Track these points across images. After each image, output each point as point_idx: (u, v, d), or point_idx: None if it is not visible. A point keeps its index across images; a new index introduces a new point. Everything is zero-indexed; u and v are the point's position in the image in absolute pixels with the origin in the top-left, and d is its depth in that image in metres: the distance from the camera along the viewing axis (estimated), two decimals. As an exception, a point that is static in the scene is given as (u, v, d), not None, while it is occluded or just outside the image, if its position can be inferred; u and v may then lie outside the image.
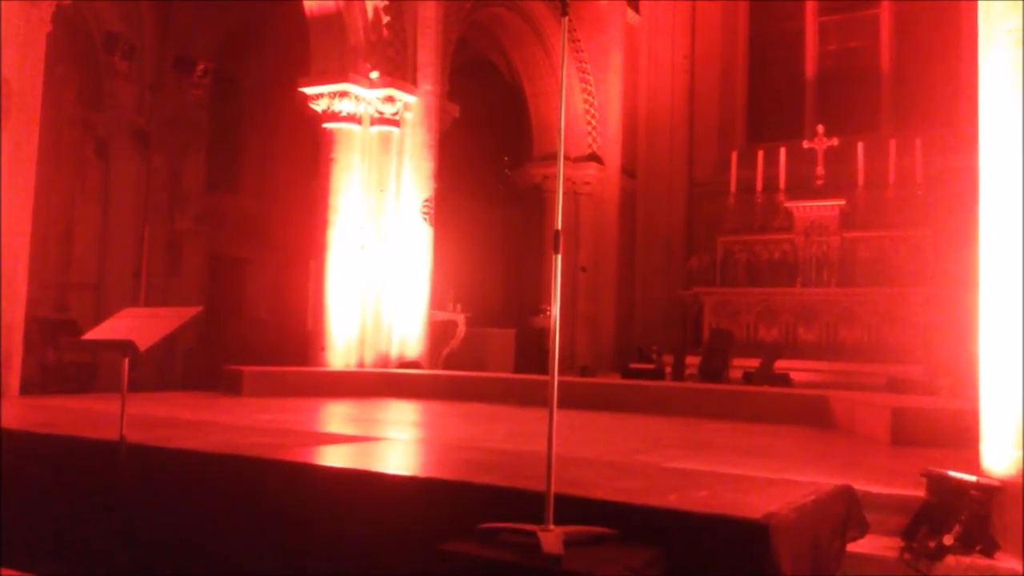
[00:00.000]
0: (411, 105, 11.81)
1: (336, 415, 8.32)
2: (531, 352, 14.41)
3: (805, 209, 14.57)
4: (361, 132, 11.57)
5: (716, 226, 15.58)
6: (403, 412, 8.67)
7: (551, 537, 2.75)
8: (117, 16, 13.79)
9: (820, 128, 14.93)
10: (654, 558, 2.85)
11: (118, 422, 4.05)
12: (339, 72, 11.49)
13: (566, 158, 15.97)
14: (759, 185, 15.05)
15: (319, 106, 11.53)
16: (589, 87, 16.52)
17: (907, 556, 3.57)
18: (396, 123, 11.69)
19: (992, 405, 3.86)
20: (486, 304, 15.23)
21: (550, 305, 2.60)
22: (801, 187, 14.70)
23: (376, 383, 10.34)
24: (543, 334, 14.83)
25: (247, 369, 9.66)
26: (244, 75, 16.19)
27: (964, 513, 3.60)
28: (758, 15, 17.52)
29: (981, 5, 4.07)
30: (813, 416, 7.86)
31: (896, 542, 3.71)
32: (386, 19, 11.59)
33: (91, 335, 4.69)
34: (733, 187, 15.20)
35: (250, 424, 6.43)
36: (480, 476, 3.83)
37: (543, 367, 2.53)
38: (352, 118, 11.48)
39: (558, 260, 2.98)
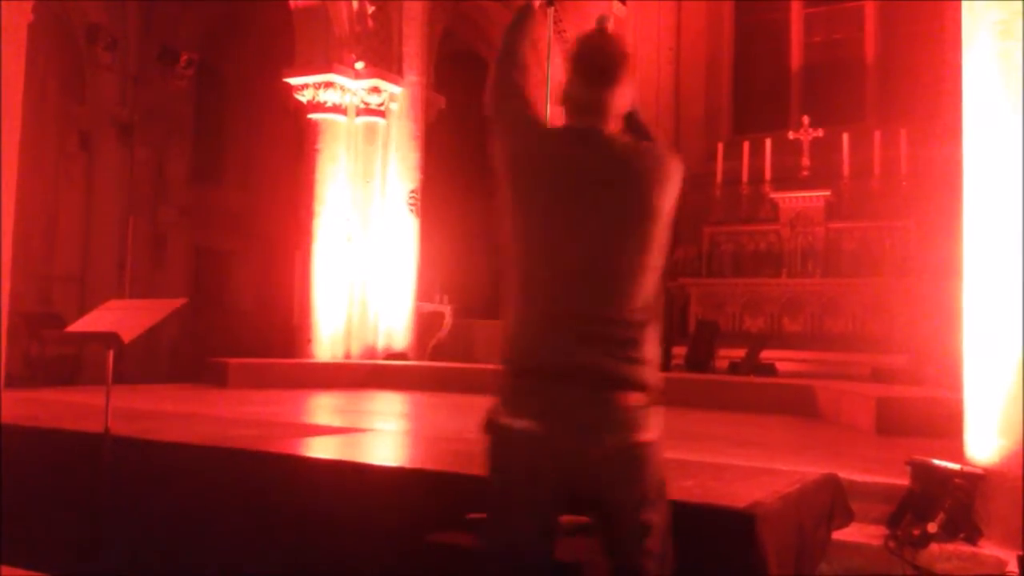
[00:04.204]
0: (397, 96, 11.77)
1: (322, 407, 8.31)
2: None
3: (791, 200, 14.59)
4: (346, 123, 11.52)
5: (702, 217, 15.57)
6: (390, 403, 8.67)
7: (538, 527, 2.75)
8: (100, 7, 13.68)
9: (805, 119, 14.93)
10: (641, 547, 2.86)
11: (103, 415, 4.03)
12: (324, 63, 11.43)
13: (552, 149, 15.94)
14: (745, 176, 15.05)
15: (304, 97, 11.48)
16: (575, 78, 16.49)
17: (892, 544, 3.59)
18: (382, 114, 11.64)
19: (976, 394, 3.89)
20: (473, 295, 15.20)
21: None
22: (787, 178, 14.71)
23: (363, 375, 10.33)
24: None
25: (232, 361, 9.63)
26: (228, 66, 16.09)
27: (948, 501, 3.62)
28: (744, 7, 17.50)
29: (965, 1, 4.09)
30: (798, 406, 7.90)
31: (881, 530, 3.74)
32: (371, 9, 11.54)
33: (75, 327, 4.66)
34: (719, 178, 15.20)
35: (236, 416, 6.41)
36: (467, 467, 3.83)
37: (530, 358, 2.52)
38: (337, 109, 11.43)
39: (545, 251, 2.97)
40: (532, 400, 2.20)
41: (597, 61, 2.32)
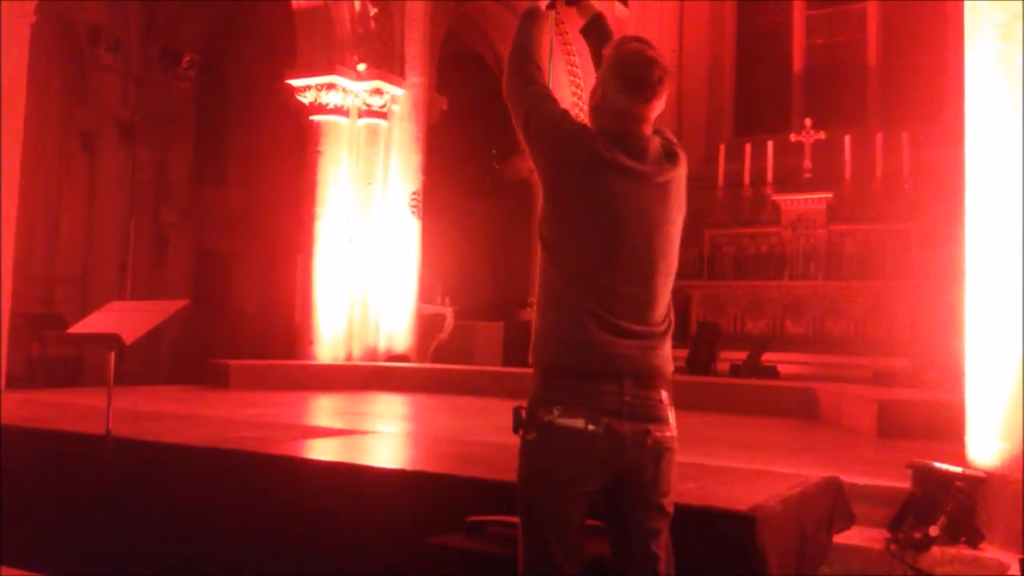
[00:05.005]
0: (399, 98, 11.76)
1: (324, 409, 8.31)
2: (519, 345, 14.41)
3: (792, 202, 14.61)
4: (348, 125, 11.52)
5: (703, 219, 15.57)
6: (391, 405, 8.66)
7: (538, 529, 2.75)
8: (102, 8, 13.69)
9: (807, 122, 14.95)
10: (641, 550, 2.85)
11: (104, 416, 4.03)
12: (326, 64, 11.42)
13: (554, 151, 15.92)
14: (747, 178, 15.08)
15: (306, 98, 11.48)
16: (577, 80, 16.48)
17: (893, 547, 3.59)
18: (384, 116, 11.64)
19: (977, 397, 3.88)
20: (474, 297, 15.22)
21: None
22: (788, 180, 14.73)
23: (364, 376, 10.32)
24: (531, 327, 14.82)
25: (234, 363, 9.63)
26: (230, 67, 16.10)
27: (950, 504, 3.62)
28: (746, 9, 17.53)
29: (967, 2, 4.09)
30: (800, 408, 7.89)
31: (882, 533, 3.73)
32: (373, 11, 11.54)
33: (77, 329, 4.67)
34: (721, 180, 15.22)
35: (237, 418, 6.41)
36: (468, 469, 3.83)
37: (531, 360, 2.53)
38: (339, 110, 11.43)
39: (546, 253, 2.98)
40: (582, 399, 2.25)
41: (643, 73, 2.32)
